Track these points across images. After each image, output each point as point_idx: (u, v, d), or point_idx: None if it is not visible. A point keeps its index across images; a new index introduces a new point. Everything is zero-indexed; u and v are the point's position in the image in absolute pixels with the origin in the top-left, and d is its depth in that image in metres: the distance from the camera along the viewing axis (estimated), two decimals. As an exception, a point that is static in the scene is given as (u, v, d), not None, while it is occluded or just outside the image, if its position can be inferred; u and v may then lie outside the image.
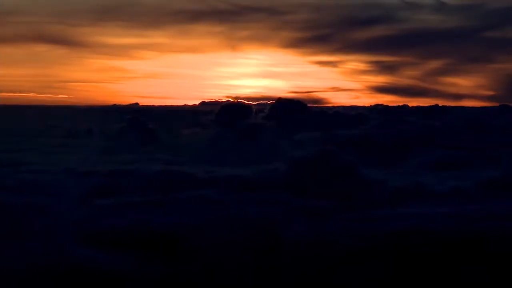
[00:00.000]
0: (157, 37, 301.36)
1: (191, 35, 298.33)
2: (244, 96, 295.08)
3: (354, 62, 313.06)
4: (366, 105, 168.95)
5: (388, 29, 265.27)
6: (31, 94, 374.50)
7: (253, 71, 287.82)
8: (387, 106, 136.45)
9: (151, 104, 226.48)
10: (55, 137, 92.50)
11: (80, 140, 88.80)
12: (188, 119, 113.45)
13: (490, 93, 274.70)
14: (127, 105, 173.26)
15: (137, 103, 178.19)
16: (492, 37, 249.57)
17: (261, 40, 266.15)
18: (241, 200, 33.27)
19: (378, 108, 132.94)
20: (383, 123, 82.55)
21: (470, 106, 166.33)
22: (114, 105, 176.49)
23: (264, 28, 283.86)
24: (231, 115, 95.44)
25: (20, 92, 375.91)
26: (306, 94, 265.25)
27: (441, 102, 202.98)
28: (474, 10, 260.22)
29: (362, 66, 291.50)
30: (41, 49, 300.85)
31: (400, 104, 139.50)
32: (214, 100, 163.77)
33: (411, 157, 63.31)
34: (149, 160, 59.25)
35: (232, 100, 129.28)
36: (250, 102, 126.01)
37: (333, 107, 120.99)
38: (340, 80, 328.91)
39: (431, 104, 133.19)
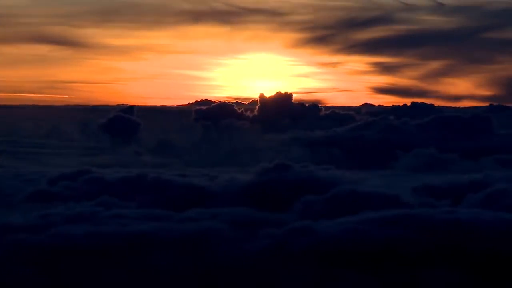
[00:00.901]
0: (159, 38, 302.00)
1: (192, 37, 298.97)
2: (244, 97, 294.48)
3: (355, 63, 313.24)
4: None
5: (388, 31, 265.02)
6: (31, 95, 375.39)
7: (254, 72, 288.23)
8: (377, 106, 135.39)
9: (146, 104, 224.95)
10: (34, 138, 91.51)
11: (57, 141, 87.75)
12: (177, 120, 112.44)
13: (490, 93, 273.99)
14: (118, 105, 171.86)
15: (124, 104, 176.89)
16: (491, 38, 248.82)
17: (262, 41, 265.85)
18: (189, 213, 31.47)
19: (367, 109, 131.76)
20: (367, 125, 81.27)
21: (471, 106, 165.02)
22: (105, 105, 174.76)
23: (264, 29, 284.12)
24: (215, 116, 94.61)
25: (21, 92, 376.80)
26: (306, 94, 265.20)
27: (441, 103, 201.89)
28: (473, 11, 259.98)
29: (362, 67, 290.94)
30: (43, 50, 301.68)
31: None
32: (206, 99, 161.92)
33: (385, 160, 61.93)
34: (116, 163, 58.31)
35: (227, 101, 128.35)
36: (243, 102, 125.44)
37: (331, 107, 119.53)
38: (340, 81, 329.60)
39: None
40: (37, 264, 25.15)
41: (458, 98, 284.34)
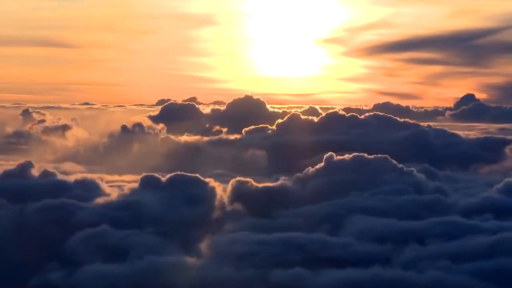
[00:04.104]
0: (164, 41, 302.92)
1: (194, 40, 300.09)
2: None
3: (355, 66, 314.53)
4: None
5: (388, 34, 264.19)
6: (29, 95, 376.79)
7: (256, 73, 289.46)
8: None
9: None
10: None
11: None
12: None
13: (486, 96, 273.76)
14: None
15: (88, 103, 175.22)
16: (488, 42, 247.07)
17: (263, 43, 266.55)
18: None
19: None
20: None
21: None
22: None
23: (266, 32, 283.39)
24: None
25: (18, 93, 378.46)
26: (305, 96, 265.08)
27: (439, 104, 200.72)
28: (470, 15, 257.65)
29: (362, 70, 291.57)
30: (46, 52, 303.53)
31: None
32: (169, 99, 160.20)
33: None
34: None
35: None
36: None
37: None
38: (340, 83, 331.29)
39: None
40: None
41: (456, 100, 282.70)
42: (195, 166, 60.59)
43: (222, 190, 42.49)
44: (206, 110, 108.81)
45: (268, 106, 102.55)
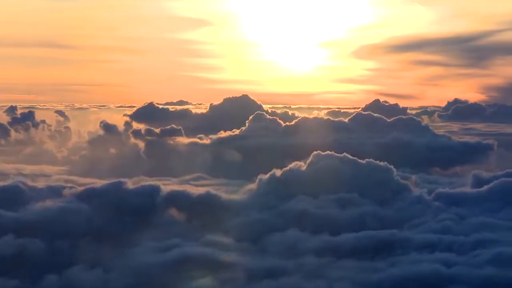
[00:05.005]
0: (160, 42, 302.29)
1: (194, 42, 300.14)
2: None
3: (356, 67, 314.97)
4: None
5: (389, 36, 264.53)
6: (25, 96, 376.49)
7: (257, 73, 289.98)
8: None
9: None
10: None
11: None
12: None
13: (483, 97, 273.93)
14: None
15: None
16: (487, 42, 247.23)
17: (266, 44, 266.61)
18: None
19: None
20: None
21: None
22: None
23: (269, 33, 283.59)
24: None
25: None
26: (306, 96, 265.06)
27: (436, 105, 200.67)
28: (470, 17, 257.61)
29: (363, 71, 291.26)
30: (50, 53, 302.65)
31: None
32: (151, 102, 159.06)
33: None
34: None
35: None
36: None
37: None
38: (341, 84, 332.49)
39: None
40: None
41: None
42: (176, 168, 60.26)
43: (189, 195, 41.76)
44: (194, 111, 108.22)
45: (260, 105, 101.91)
